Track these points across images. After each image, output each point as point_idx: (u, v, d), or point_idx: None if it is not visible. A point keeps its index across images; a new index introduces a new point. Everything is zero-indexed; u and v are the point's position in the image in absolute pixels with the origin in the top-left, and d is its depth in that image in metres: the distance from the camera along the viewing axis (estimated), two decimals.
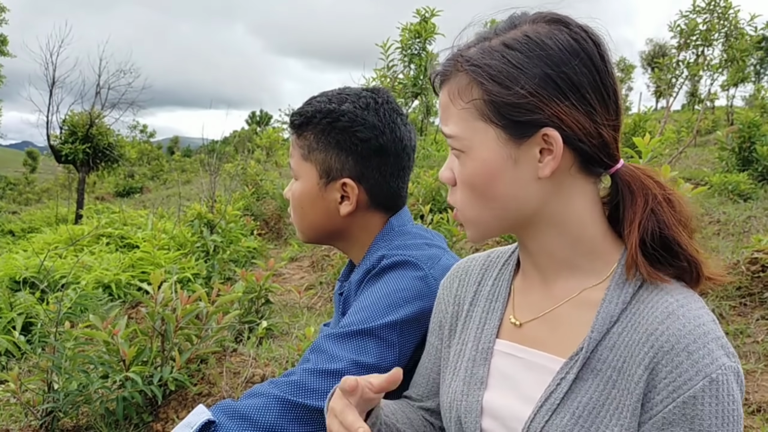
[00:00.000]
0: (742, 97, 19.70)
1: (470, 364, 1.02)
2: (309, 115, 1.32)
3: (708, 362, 0.81)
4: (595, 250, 0.93)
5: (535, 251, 0.97)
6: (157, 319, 2.80)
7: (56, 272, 5.24)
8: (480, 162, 0.91)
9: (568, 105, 0.85)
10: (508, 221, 0.94)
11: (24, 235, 11.42)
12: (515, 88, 0.86)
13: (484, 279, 1.10)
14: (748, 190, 7.28)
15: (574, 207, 0.92)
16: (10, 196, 29.31)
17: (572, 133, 0.86)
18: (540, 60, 0.86)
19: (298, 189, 1.35)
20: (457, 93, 0.92)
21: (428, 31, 9.25)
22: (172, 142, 54.02)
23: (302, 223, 1.38)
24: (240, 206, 7.94)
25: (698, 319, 0.84)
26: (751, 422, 2.60)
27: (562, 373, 0.89)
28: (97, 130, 15.57)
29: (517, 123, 0.87)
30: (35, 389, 2.81)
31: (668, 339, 0.83)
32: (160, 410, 2.91)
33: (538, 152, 0.88)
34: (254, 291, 4.01)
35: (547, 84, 0.86)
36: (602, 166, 0.91)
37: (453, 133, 0.93)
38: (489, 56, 0.89)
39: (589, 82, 0.87)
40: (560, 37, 0.87)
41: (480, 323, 1.04)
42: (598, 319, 0.89)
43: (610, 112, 0.89)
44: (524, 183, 0.90)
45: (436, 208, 6.81)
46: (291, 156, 1.37)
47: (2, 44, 23.44)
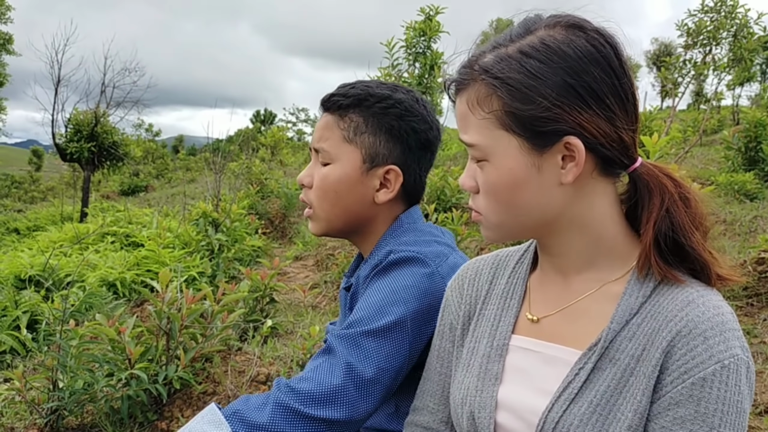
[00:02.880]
0: (748, 97, 19.65)
1: (484, 361, 1.02)
2: (360, 97, 1.29)
3: (722, 349, 0.82)
4: (614, 248, 0.94)
5: (557, 252, 0.98)
6: (163, 317, 2.79)
7: (61, 270, 5.25)
8: (504, 170, 0.91)
9: (589, 113, 0.86)
10: (530, 226, 0.95)
11: (29, 234, 11.45)
12: (537, 100, 0.86)
13: (496, 278, 1.10)
14: (755, 189, 7.25)
15: (596, 208, 0.93)
16: (16, 194, 29.39)
17: (594, 140, 0.86)
18: (560, 69, 0.86)
19: (336, 172, 1.30)
20: (476, 103, 0.91)
21: (433, 29, 9.22)
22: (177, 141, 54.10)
23: (332, 209, 1.32)
24: (245, 205, 7.94)
25: (718, 308, 0.86)
26: (758, 423, 2.58)
27: (581, 363, 0.90)
28: (102, 129, 15.58)
29: (540, 133, 0.87)
30: (40, 387, 2.82)
31: (686, 324, 0.84)
32: (164, 409, 2.91)
33: (561, 159, 0.88)
34: (259, 290, 4.00)
35: (569, 93, 0.85)
36: (621, 166, 0.92)
37: (474, 142, 0.93)
38: (507, 66, 0.88)
39: (608, 87, 0.87)
40: (578, 43, 0.87)
41: (494, 320, 1.05)
42: (618, 310, 0.90)
43: (629, 114, 0.89)
44: (547, 189, 0.90)
45: (441, 207, 6.80)
46: (322, 139, 1.31)
47: (8, 43, 23.53)
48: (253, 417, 1.05)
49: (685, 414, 0.83)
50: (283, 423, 1.04)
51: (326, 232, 1.37)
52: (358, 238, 1.38)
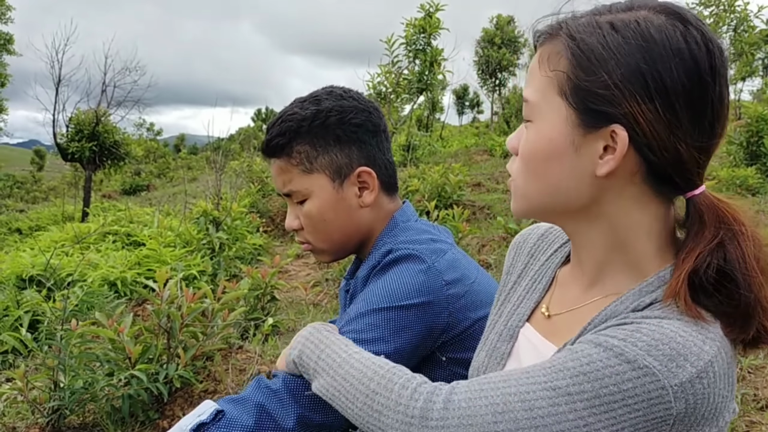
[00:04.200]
0: (750, 92, 19.58)
1: (496, 338, 1.02)
2: (294, 128, 1.27)
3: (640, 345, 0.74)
4: (638, 264, 0.87)
5: (580, 244, 0.94)
6: (162, 316, 2.79)
7: (63, 270, 5.25)
8: (543, 136, 0.87)
9: (649, 107, 0.78)
10: (551, 207, 0.90)
11: (31, 233, 11.46)
12: (600, 73, 0.80)
13: (537, 254, 1.08)
14: (756, 184, 7.25)
15: (631, 216, 0.86)
16: (18, 194, 29.45)
17: (643, 139, 0.79)
18: (638, 50, 0.79)
19: (315, 205, 1.29)
20: (547, 58, 0.87)
21: (433, 26, 9.22)
22: (178, 140, 54.21)
23: (330, 237, 1.32)
24: (246, 203, 7.94)
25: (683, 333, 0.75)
26: (760, 418, 2.58)
27: None
28: (104, 128, 15.60)
29: (590, 110, 0.81)
30: (42, 387, 2.82)
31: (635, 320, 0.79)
32: (166, 407, 2.91)
33: (602, 148, 0.82)
34: (260, 288, 4.01)
35: (636, 78, 0.78)
36: (674, 186, 0.83)
37: (529, 98, 0.89)
38: (590, 32, 0.82)
39: (683, 90, 0.78)
40: (670, 32, 0.79)
41: (518, 302, 1.04)
42: (601, 313, 0.86)
43: (701, 131, 0.80)
44: (579, 175, 0.85)
45: (442, 204, 6.79)
46: (286, 183, 1.30)
47: (8, 43, 23.52)
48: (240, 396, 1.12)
49: (558, 356, 0.80)
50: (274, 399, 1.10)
51: (335, 257, 1.38)
52: (358, 247, 1.38)
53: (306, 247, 1.36)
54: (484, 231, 6.33)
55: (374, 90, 9.81)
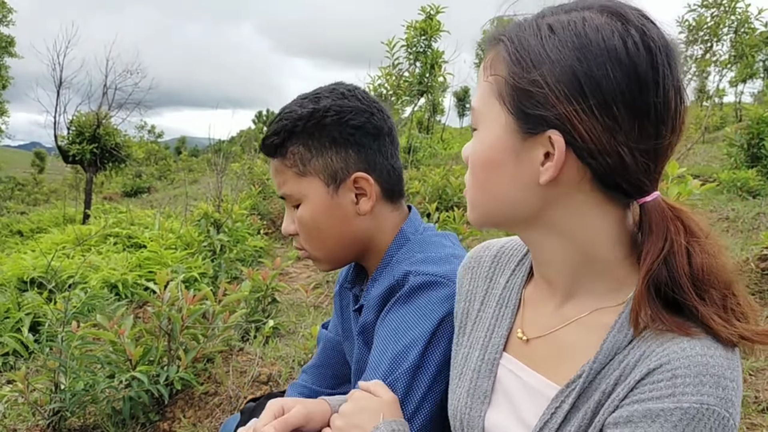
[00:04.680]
0: (751, 94, 19.58)
1: (475, 375, 0.96)
2: (288, 127, 1.21)
3: (688, 391, 0.72)
4: (609, 273, 0.84)
5: (542, 260, 0.90)
6: (163, 318, 2.80)
7: (64, 272, 5.25)
8: (485, 144, 0.84)
9: (584, 110, 0.75)
10: (502, 217, 0.87)
11: (32, 236, 11.46)
12: (533, 73, 0.77)
13: (495, 276, 1.02)
14: (757, 186, 7.23)
15: (586, 224, 0.82)
16: (19, 196, 29.46)
17: (582, 144, 0.76)
18: (573, 51, 0.76)
19: (308, 210, 1.23)
20: (489, 63, 0.84)
21: (433, 29, 9.22)
22: (180, 142, 54.22)
23: (325, 245, 1.26)
24: (247, 205, 7.94)
25: (707, 350, 0.74)
26: (761, 420, 2.58)
27: (557, 402, 0.83)
28: (105, 131, 15.61)
29: (526, 115, 0.79)
30: (42, 389, 2.82)
31: (660, 359, 0.75)
32: (166, 409, 2.91)
33: (543, 155, 0.79)
34: (261, 290, 4.00)
35: (570, 80, 0.75)
36: (623, 191, 0.80)
37: (474, 105, 0.87)
38: (530, 34, 0.80)
39: (621, 92, 0.74)
40: (608, 32, 0.76)
41: (488, 330, 0.98)
42: (603, 347, 0.81)
43: (644, 135, 0.76)
44: (522, 183, 0.82)
45: (443, 206, 6.79)
46: (281, 185, 1.24)
47: (9, 45, 23.56)
48: None
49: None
50: None
51: (333, 266, 1.31)
52: (365, 257, 1.30)
53: (303, 253, 1.30)
54: (485, 233, 6.33)
55: (375, 92, 9.82)
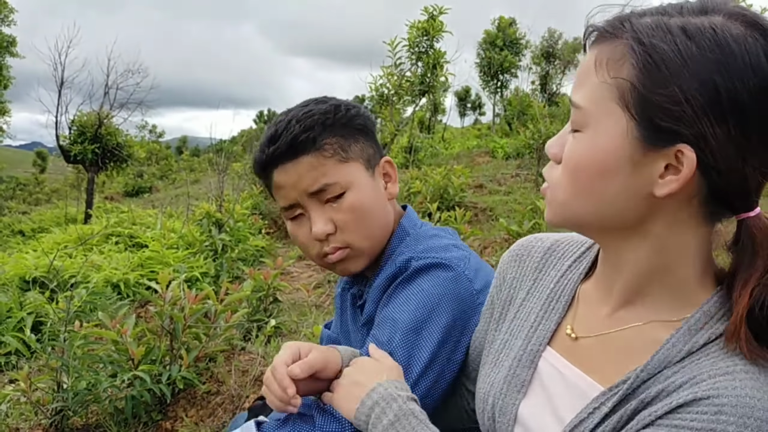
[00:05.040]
0: None
1: (515, 363, 0.95)
2: (321, 121, 1.19)
3: (730, 430, 0.69)
4: (681, 288, 0.82)
5: (616, 264, 0.87)
6: (165, 318, 2.80)
7: (66, 272, 5.26)
8: (597, 149, 0.78)
9: (723, 128, 0.71)
10: (598, 224, 0.83)
11: (34, 235, 11.48)
12: (671, 87, 0.72)
13: (546, 269, 1.00)
14: None
15: (680, 239, 0.79)
16: (20, 196, 29.51)
17: (712, 162, 0.72)
18: (714, 63, 0.71)
19: (358, 195, 1.20)
20: (605, 62, 0.78)
21: (436, 29, 9.23)
22: (181, 142, 54.30)
23: (373, 232, 1.23)
24: (248, 205, 7.96)
25: (756, 392, 0.71)
26: None
27: (597, 403, 0.82)
28: (106, 130, 15.64)
29: (656, 126, 0.74)
30: (45, 388, 2.82)
31: (708, 390, 0.72)
32: (169, 409, 2.92)
33: (664, 167, 0.75)
34: (262, 289, 4.01)
35: (710, 95, 0.71)
36: (731, 209, 0.78)
37: (581, 104, 0.80)
38: (660, 36, 0.74)
39: (760, 110, 0.71)
40: (751, 46, 0.71)
41: (535, 322, 0.96)
42: (654, 359, 0.79)
43: None
44: (633, 193, 0.78)
45: (444, 206, 6.80)
46: (318, 179, 1.18)
47: (11, 45, 23.57)
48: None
49: None
50: None
51: (369, 260, 1.26)
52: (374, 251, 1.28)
53: (338, 254, 1.22)
54: (486, 233, 6.33)
55: (377, 92, 9.82)
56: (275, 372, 0.99)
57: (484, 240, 5.90)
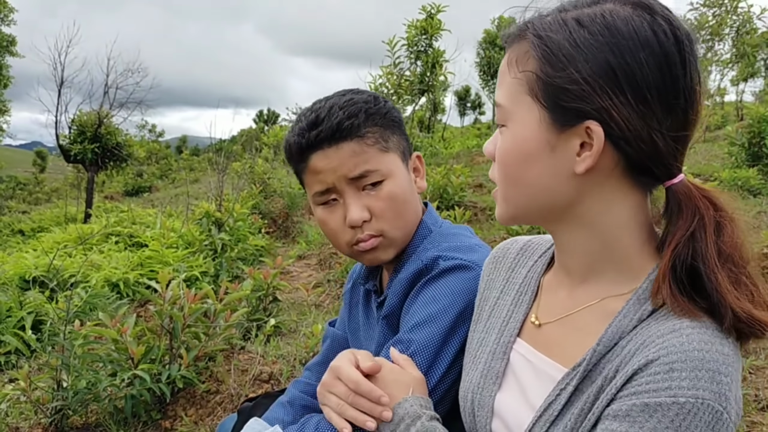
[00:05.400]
0: (752, 92, 19.55)
1: (489, 357, 0.99)
2: (364, 109, 1.22)
3: (684, 385, 0.73)
4: (626, 260, 0.86)
5: (565, 249, 0.93)
6: (165, 317, 2.80)
7: (65, 271, 5.26)
8: (518, 139, 0.86)
9: (622, 101, 0.78)
10: (535, 210, 0.89)
11: (34, 235, 11.48)
12: (569, 70, 0.79)
13: (518, 267, 1.06)
14: (758, 185, 7.24)
15: (612, 212, 0.85)
16: (20, 195, 29.50)
17: (619, 133, 0.78)
18: (606, 45, 0.78)
19: (397, 184, 1.22)
20: (515, 60, 0.86)
21: (434, 28, 9.23)
22: (181, 141, 54.27)
23: (407, 221, 1.25)
24: (248, 205, 7.94)
25: (703, 345, 0.75)
26: (761, 418, 2.58)
27: (563, 383, 0.86)
28: (106, 130, 15.65)
29: (562, 108, 0.81)
30: (45, 387, 2.83)
31: (658, 350, 0.76)
32: (168, 408, 2.92)
33: (579, 145, 0.82)
34: (262, 289, 4.01)
35: (606, 73, 0.78)
36: (653, 176, 0.83)
37: (500, 102, 0.89)
38: (557, 30, 0.82)
39: (655, 80, 0.78)
40: (637, 23, 0.79)
41: (506, 316, 1.01)
42: (608, 331, 0.83)
43: (675, 120, 0.80)
44: (558, 175, 0.84)
45: (444, 205, 6.80)
46: (359, 164, 1.19)
47: (11, 45, 23.55)
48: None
49: (616, 428, 0.76)
50: None
51: (400, 249, 1.27)
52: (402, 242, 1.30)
53: (372, 242, 1.23)
54: (486, 232, 6.33)
55: (376, 91, 9.81)
56: (360, 386, 0.97)
57: (484, 239, 5.90)
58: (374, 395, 0.96)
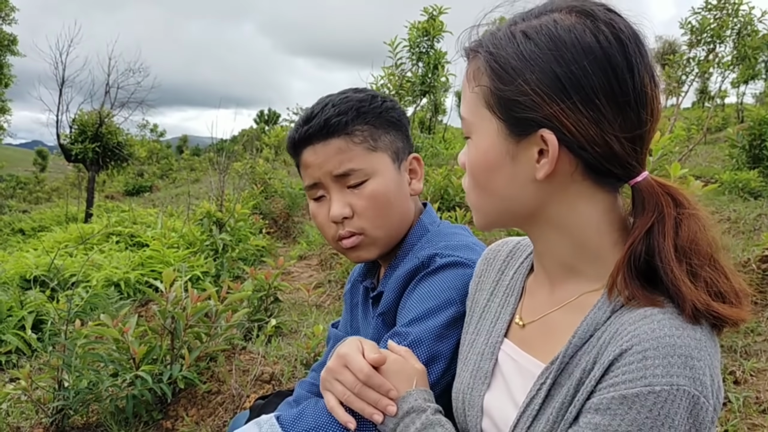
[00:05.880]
0: (753, 95, 19.54)
1: (479, 358, 1.01)
2: (356, 107, 1.24)
3: (658, 373, 0.74)
4: (600, 258, 0.88)
5: (540, 251, 0.96)
6: (167, 317, 2.81)
7: (66, 271, 5.26)
8: (480, 151, 0.90)
9: (570, 107, 0.80)
10: (506, 216, 0.93)
11: (34, 234, 11.49)
12: (517, 81, 0.82)
13: (507, 269, 1.08)
14: (759, 187, 7.23)
15: (579, 213, 0.87)
16: (21, 195, 29.47)
17: (572, 138, 0.81)
18: (550, 55, 0.81)
19: (381, 184, 1.24)
20: (472, 75, 0.90)
21: (436, 29, 9.22)
22: (181, 141, 54.21)
23: (390, 221, 1.26)
24: (249, 205, 7.95)
25: (675, 329, 0.77)
26: (762, 420, 2.58)
27: (542, 378, 0.87)
28: (107, 129, 15.63)
29: (516, 119, 0.84)
30: (46, 387, 2.83)
31: (630, 339, 0.77)
32: (169, 408, 2.92)
33: (537, 153, 0.84)
34: (263, 289, 4.02)
35: (552, 82, 0.80)
36: (615, 176, 0.85)
37: (463, 115, 0.92)
38: (506, 44, 0.85)
39: (601, 85, 0.79)
40: (579, 31, 0.81)
41: (494, 318, 1.04)
42: (582, 324, 0.85)
43: (627, 121, 0.81)
44: (520, 182, 0.87)
45: (444, 206, 6.80)
46: (344, 162, 1.22)
47: (12, 44, 23.54)
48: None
49: (599, 422, 0.77)
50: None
51: (383, 249, 1.29)
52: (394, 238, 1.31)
53: (352, 240, 1.26)
54: (486, 233, 6.33)
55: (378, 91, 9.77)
56: (371, 379, 0.97)
57: (484, 240, 5.90)
58: (384, 388, 0.97)
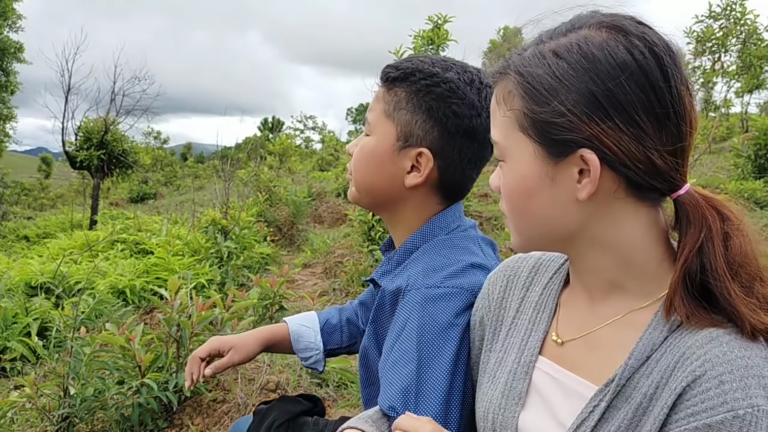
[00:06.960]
0: (757, 104, 19.52)
1: (510, 377, 0.97)
2: (408, 71, 1.23)
3: (739, 396, 0.72)
4: (646, 274, 0.86)
5: (582, 270, 0.92)
6: (173, 325, 2.80)
7: (71, 278, 5.27)
8: (517, 175, 0.87)
9: (611, 126, 0.78)
10: (547, 238, 0.90)
11: (39, 241, 11.52)
12: (553, 103, 0.80)
13: (533, 285, 1.04)
14: (764, 197, 7.22)
15: (623, 230, 0.85)
16: (25, 201, 29.55)
17: (613, 157, 0.79)
18: (585, 74, 0.79)
19: (370, 145, 1.27)
20: (502, 98, 0.87)
21: (441, 38, 9.23)
22: (186, 149, 54.38)
23: (362, 181, 1.30)
24: (253, 212, 7.96)
25: (745, 350, 0.75)
26: None
27: (595, 400, 0.84)
28: (112, 137, 15.69)
29: (554, 141, 0.81)
30: (51, 395, 2.82)
31: (702, 364, 0.75)
32: (175, 416, 2.91)
33: (577, 173, 0.82)
34: (268, 297, 4.01)
35: (589, 102, 0.78)
36: (658, 191, 0.83)
37: (495, 139, 0.90)
38: (536, 64, 0.83)
39: (640, 101, 0.78)
40: (613, 48, 0.79)
41: (525, 335, 1.00)
42: (639, 344, 0.82)
43: (668, 135, 0.79)
44: (562, 204, 0.85)
45: None
46: (371, 109, 1.29)
47: (19, 51, 23.70)
48: None
49: None
50: None
51: (357, 200, 1.35)
52: (386, 217, 1.34)
53: (349, 177, 1.35)
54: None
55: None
56: None
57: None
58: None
